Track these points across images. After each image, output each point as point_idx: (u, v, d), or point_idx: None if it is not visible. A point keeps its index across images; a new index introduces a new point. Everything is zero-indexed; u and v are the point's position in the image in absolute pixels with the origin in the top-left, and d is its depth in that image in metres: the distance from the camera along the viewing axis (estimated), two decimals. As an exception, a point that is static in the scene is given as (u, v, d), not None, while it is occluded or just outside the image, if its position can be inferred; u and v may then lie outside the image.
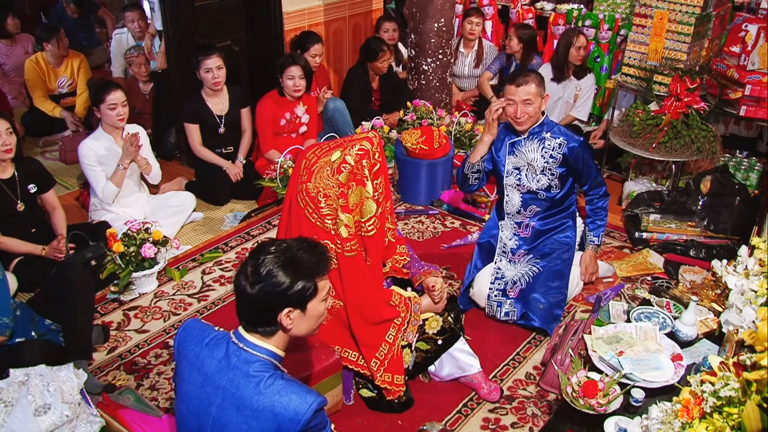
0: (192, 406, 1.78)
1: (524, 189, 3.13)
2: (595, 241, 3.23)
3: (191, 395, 1.78)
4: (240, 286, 1.74)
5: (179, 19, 4.44)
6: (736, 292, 2.50)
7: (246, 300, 1.75)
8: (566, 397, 2.24)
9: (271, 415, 1.66)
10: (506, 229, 3.24)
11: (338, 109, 4.58)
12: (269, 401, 1.67)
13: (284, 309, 1.74)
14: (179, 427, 1.86)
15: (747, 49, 3.73)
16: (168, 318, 3.21)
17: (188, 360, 1.81)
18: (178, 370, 1.84)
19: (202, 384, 1.76)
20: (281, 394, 1.67)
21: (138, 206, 3.84)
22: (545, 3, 5.67)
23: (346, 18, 5.43)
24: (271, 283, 1.71)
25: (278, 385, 1.69)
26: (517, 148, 3.10)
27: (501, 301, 3.09)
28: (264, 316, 1.76)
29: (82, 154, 3.60)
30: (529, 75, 3.00)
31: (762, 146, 4.42)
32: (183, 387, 1.81)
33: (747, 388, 1.73)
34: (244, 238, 3.88)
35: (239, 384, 1.71)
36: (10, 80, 5.54)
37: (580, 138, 3.09)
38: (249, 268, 1.74)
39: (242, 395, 1.70)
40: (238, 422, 1.69)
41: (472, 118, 4.72)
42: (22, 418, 2.18)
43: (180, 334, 1.88)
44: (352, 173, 2.39)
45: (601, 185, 3.17)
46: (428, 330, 2.69)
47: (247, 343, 1.77)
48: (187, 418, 1.80)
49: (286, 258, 1.74)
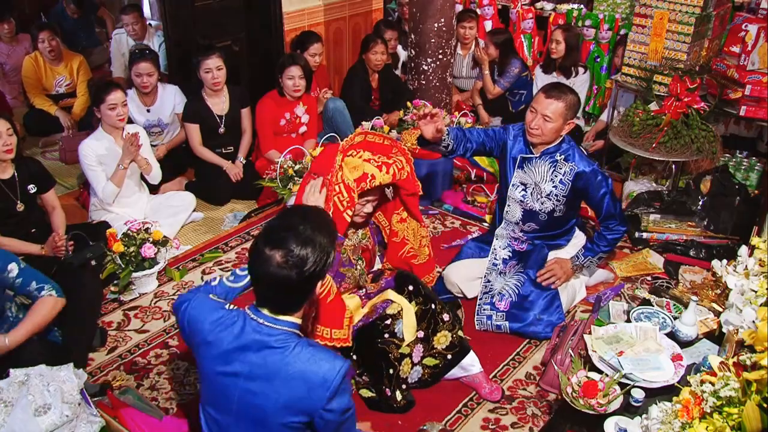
0: (216, 383, 1.79)
1: (527, 206, 3.05)
2: (581, 259, 3.06)
3: (214, 372, 1.78)
4: (279, 276, 1.66)
5: (179, 19, 4.45)
6: (736, 292, 2.50)
7: (285, 287, 1.70)
8: (566, 397, 2.24)
9: (302, 382, 1.69)
10: (502, 239, 3.17)
11: (338, 109, 4.58)
12: (299, 369, 1.69)
13: (319, 283, 1.75)
14: (205, 403, 1.86)
15: (747, 49, 3.73)
16: (168, 318, 3.21)
17: (203, 338, 1.79)
18: (194, 346, 1.83)
19: (225, 360, 1.75)
20: (310, 361, 1.70)
21: (138, 206, 3.84)
22: (545, 3, 5.67)
23: (346, 18, 5.43)
24: (316, 262, 1.68)
25: (306, 353, 1.71)
26: (527, 165, 2.99)
27: (491, 314, 3.05)
28: (300, 298, 1.76)
29: (83, 154, 3.60)
30: (564, 93, 2.82)
31: (762, 146, 4.42)
32: (205, 364, 1.80)
33: (747, 388, 1.73)
34: (244, 238, 3.88)
35: (265, 355, 1.72)
36: (10, 80, 5.53)
37: (594, 165, 2.96)
38: (280, 258, 1.66)
39: (270, 366, 1.71)
40: (267, 392, 1.71)
41: (472, 118, 4.72)
42: (22, 418, 2.18)
43: (188, 312, 1.84)
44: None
45: (614, 219, 2.96)
46: (437, 345, 2.66)
47: (267, 318, 1.75)
48: (214, 394, 1.81)
49: (312, 233, 1.69)
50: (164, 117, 4.34)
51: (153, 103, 4.30)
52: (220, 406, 1.81)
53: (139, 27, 5.30)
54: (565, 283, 3.11)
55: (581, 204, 3.17)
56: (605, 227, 3.01)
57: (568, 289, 3.14)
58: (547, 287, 3.04)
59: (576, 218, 3.19)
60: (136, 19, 5.31)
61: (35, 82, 5.06)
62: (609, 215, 2.97)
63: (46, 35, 4.99)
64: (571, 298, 3.18)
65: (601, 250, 3.05)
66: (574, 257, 3.09)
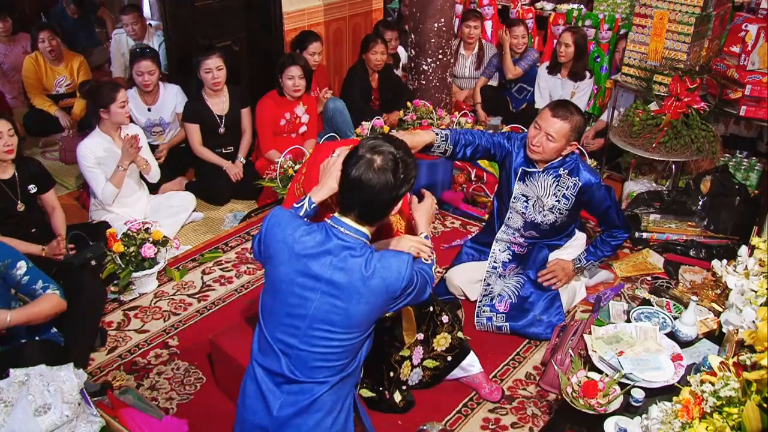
0: (294, 286, 1.91)
1: (528, 218, 3.04)
2: (583, 262, 3.08)
3: (292, 275, 1.91)
4: (379, 181, 1.86)
5: (179, 19, 4.45)
6: (736, 292, 2.50)
7: (378, 190, 1.87)
8: (566, 397, 2.24)
9: (380, 280, 1.89)
10: (501, 242, 3.16)
11: (338, 109, 4.58)
12: (376, 269, 1.89)
13: (401, 200, 1.95)
14: (269, 311, 1.98)
15: (747, 49, 3.73)
16: (168, 318, 3.21)
17: (285, 243, 1.93)
18: (271, 253, 1.95)
19: (306, 263, 1.90)
20: (382, 261, 1.90)
21: (138, 206, 3.84)
22: (545, 3, 5.67)
23: (346, 18, 5.43)
24: (408, 172, 1.92)
25: (377, 255, 1.92)
26: (529, 178, 2.97)
27: (491, 316, 3.06)
28: (385, 208, 1.94)
29: (81, 155, 3.59)
30: (572, 113, 2.78)
31: (762, 146, 4.42)
32: (281, 269, 1.93)
33: (747, 388, 1.73)
34: (244, 238, 3.88)
35: (346, 257, 1.89)
36: (9, 80, 5.53)
37: (598, 178, 2.95)
38: (381, 162, 1.86)
39: (351, 268, 1.89)
40: (350, 291, 1.88)
41: (472, 118, 4.71)
42: (22, 418, 2.18)
43: (269, 221, 1.99)
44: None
45: (617, 228, 2.99)
46: (437, 347, 2.66)
47: (348, 227, 1.92)
48: (288, 296, 1.93)
49: (406, 149, 1.95)
50: (166, 116, 4.34)
51: (154, 102, 4.30)
52: (295, 314, 1.92)
53: (138, 27, 5.29)
54: (565, 284, 3.11)
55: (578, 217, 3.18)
56: (608, 235, 3.03)
57: (568, 289, 3.14)
58: (547, 288, 3.05)
59: (576, 221, 3.19)
60: (136, 19, 5.30)
61: (35, 82, 5.06)
62: (612, 225, 3.00)
63: (46, 35, 4.99)
64: (570, 299, 3.17)
65: (603, 255, 3.08)
66: (576, 260, 3.09)
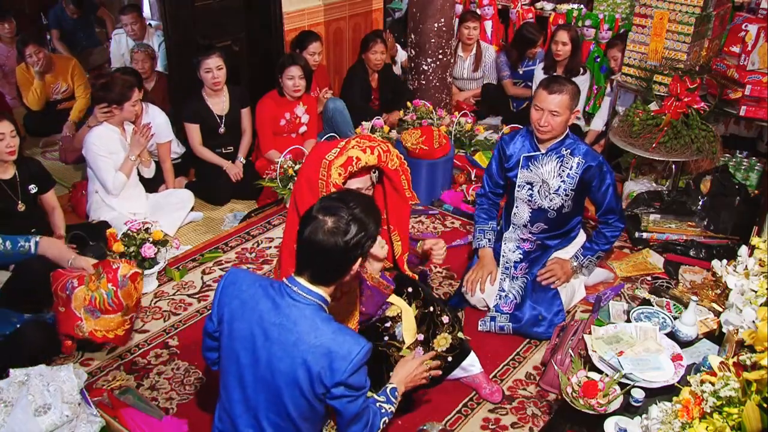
0: (247, 342, 1.89)
1: (535, 206, 3.05)
2: (580, 260, 3.08)
3: (246, 332, 1.89)
4: (328, 243, 1.80)
5: (179, 19, 4.44)
6: (736, 292, 2.50)
7: (330, 255, 1.82)
8: (566, 397, 2.24)
9: (327, 351, 1.80)
10: (510, 242, 3.18)
11: (338, 109, 4.58)
12: (326, 339, 1.81)
13: (357, 262, 1.87)
14: (228, 364, 1.96)
15: (747, 49, 3.73)
16: (168, 318, 3.21)
17: (240, 300, 1.92)
18: (230, 310, 1.94)
19: (258, 321, 1.87)
20: (336, 334, 1.82)
21: (140, 201, 3.85)
22: (545, 3, 5.68)
23: (346, 18, 5.43)
24: (360, 236, 1.83)
25: (334, 326, 1.85)
26: (533, 163, 2.99)
27: (495, 316, 3.06)
28: (339, 269, 1.87)
29: (91, 143, 3.59)
30: (564, 85, 2.85)
31: (762, 146, 4.42)
32: (236, 325, 1.92)
33: (747, 388, 1.73)
34: (244, 238, 3.88)
35: (297, 321, 1.84)
36: (9, 81, 5.53)
37: (600, 158, 2.97)
38: (332, 224, 1.81)
39: (300, 331, 1.82)
40: (294, 356, 1.82)
41: (472, 118, 4.73)
42: (22, 418, 2.18)
43: (227, 278, 1.99)
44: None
45: (614, 213, 3.01)
46: (437, 348, 2.63)
47: (302, 287, 1.87)
48: (240, 354, 1.91)
49: (365, 207, 1.88)
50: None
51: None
52: (248, 373, 1.90)
53: (138, 27, 5.29)
54: (564, 283, 3.11)
55: (585, 201, 3.18)
56: (604, 222, 3.04)
57: (567, 288, 3.15)
58: (546, 287, 3.05)
59: (580, 214, 3.19)
60: (136, 19, 5.30)
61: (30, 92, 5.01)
62: (610, 209, 3.01)
63: (33, 50, 4.86)
64: (569, 298, 3.18)
65: (600, 248, 3.07)
66: (573, 257, 3.10)
